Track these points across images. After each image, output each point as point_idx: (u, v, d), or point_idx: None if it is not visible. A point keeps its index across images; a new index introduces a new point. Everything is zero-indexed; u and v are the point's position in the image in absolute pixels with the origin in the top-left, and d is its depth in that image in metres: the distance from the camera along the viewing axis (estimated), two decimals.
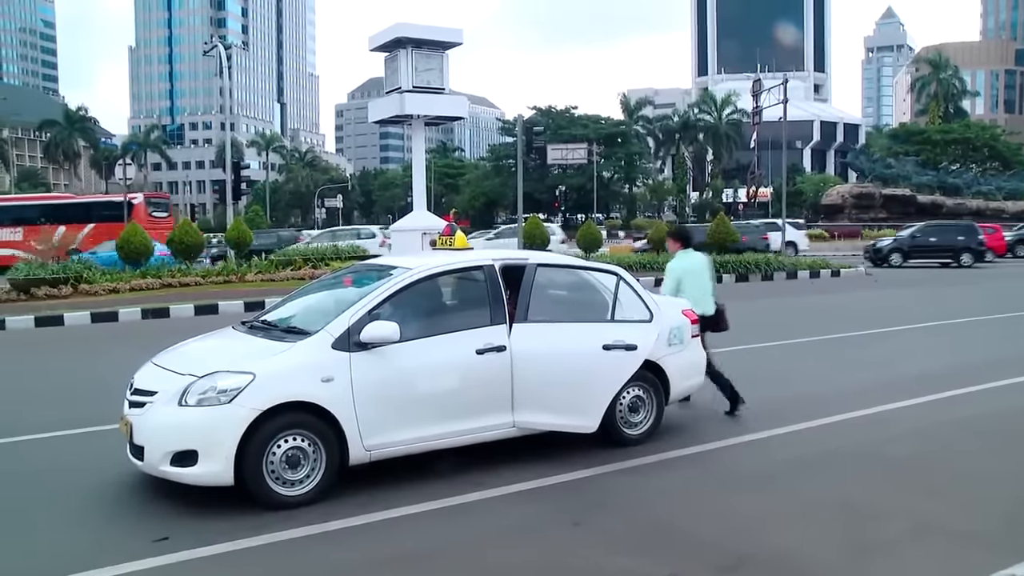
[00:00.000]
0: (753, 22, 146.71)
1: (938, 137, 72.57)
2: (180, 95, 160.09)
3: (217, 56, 39.40)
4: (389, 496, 5.50)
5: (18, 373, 11.19)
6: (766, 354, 11.56)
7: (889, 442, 6.86)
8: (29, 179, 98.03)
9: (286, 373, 5.42)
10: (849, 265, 28.19)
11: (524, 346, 6.07)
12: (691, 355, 7.12)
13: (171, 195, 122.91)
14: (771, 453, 6.64)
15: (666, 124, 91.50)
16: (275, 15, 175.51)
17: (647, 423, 6.78)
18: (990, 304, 17.08)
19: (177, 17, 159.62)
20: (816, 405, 8.05)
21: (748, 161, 73.94)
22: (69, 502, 5.66)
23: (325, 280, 7.73)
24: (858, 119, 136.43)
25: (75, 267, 20.06)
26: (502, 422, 6.08)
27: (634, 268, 24.79)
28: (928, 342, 12.63)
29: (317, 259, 23.88)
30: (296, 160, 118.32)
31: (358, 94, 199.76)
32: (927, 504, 5.39)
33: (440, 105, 19.72)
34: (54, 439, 7.25)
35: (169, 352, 6.23)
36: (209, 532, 4.91)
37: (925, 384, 8.96)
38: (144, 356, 6.34)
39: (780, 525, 5.08)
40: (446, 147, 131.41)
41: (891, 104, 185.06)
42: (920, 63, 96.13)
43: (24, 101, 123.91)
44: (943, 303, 18.46)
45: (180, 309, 16.87)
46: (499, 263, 6.37)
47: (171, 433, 5.27)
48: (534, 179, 73.91)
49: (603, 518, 5.19)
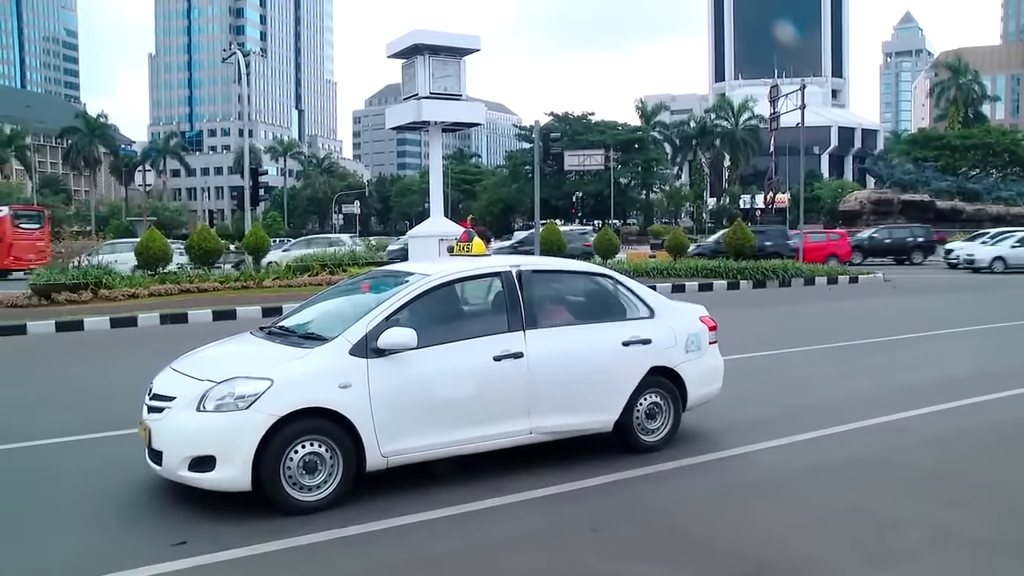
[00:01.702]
0: (770, 27, 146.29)
1: (957, 142, 71.99)
2: (199, 102, 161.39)
3: (236, 63, 39.67)
4: (406, 501, 5.51)
5: (39, 377, 11.28)
6: (784, 360, 11.50)
7: (907, 450, 6.81)
8: (50, 185, 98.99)
9: (304, 379, 5.44)
10: (867, 271, 28.03)
11: (541, 351, 6.10)
12: (709, 362, 7.10)
13: (190, 201, 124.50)
14: (789, 460, 6.60)
15: (683, 130, 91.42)
16: (293, 22, 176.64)
17: (664, 430, 6.77)
18: (1006, 312, 16.93)
19: (196, 25, 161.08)
20: (834, 412, 8.00)
21: (765, 167, 73.57)
22: (88, 506, 5.70)
23: (342, 286, 7.76)
24: (876, 124, 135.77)
25: (95, 272, 20.23)
26: (519, 428, 6.09)
27: (651, 275, 24.80)
28: (947, 349, 12.54)
29: (335, 265, 23.98)
30: (314, 166, 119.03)
31: (375, 100, 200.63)
32: (946, 512, 5.35)
33: (457, 111, 19.74)
34: (74, 443, 7.31)
35: (188, 357, 6.27)
36: (227, 537, 4.93)
37: (944, 391, 8.88)
38: (163, 361, 6.38)
39: (798, 532, 5.05)
40: (463, 153, 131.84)
41: (910, 109, 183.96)
42: (939, 68, 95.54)
43: (46, 108, 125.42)
44: (961, 310, 18.31)
45: (198, 314, 16.96)
46: (515, 269, 6.41)
47: (189, 438, 5.30)
48: (551, 185, 74.01)
49: (621, 525, 5.18)
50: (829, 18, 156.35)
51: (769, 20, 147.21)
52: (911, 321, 15.92)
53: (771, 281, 24.61)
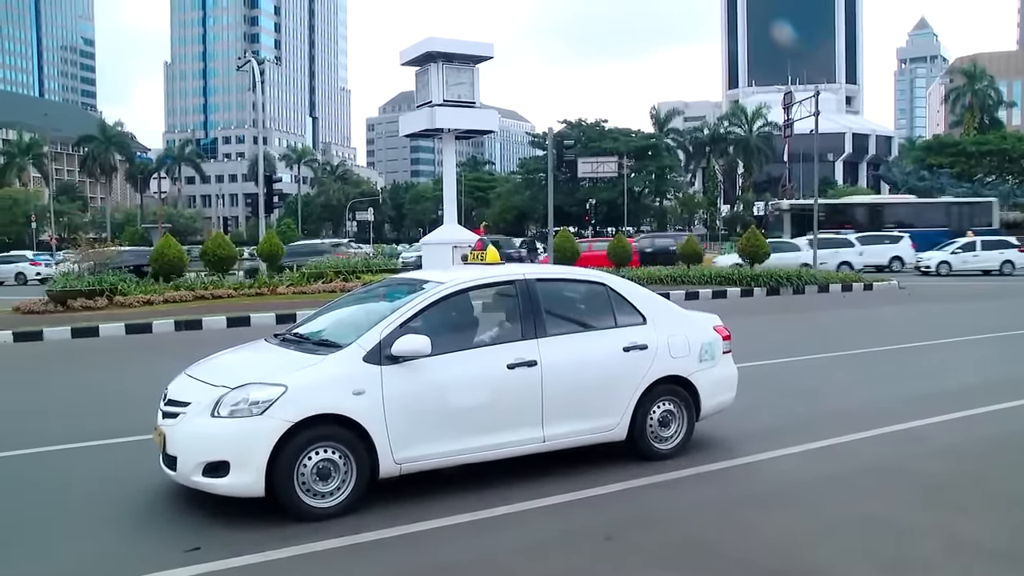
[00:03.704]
0: (783, 34, 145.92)
1: (973, 149, 71.58)
2: (214, 109, 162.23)
3: (250, 71, 39.87)
4: (420, 509, 5.51)
5: (55, 383, 11.37)
6: (798, 368, 11.46)
7: (922, 458, 6.77)
8: (67, 192, 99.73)
9: (317, 386, 5.46)
10: (882, 278, 27.89)
11: (553, 359, 6.12)
12: (723, 371, 7.08)
13: (205, 208, 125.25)
14: (802, 468, 6.57)
15: (696, 137, 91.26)
16: (307, 30, 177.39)
17: (677, 438, 6.76)
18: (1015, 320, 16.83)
19: (211, 33, 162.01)
20: (848, 420, 7.97)
21: (779, 174, 73.58)
22: (103, 511, 5.74)
23: (356, 293, 7.78)
24: (891, 131, 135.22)
25: (110, 279, 20.36)
26: (532, 437, 6.09)
27: (664, 282, 24.76)
28: (963, 356, 12.46)
29: (349, 272, 24.06)
30: (328, 174, 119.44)
31: (389, 108, 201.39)
32: (961, 522, 5.31)
33: (471, 119, 19.81)
34: (89, 448, 7.36)
35: (202, 364, 6.30)
36: (240, 543, 4.95)
37: (960, 399, 8.83)
38: (177, 367, 6.42)
39: (812, 541, 5.03)
40: (477, 160, 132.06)
41: (924, 116, 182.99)
42: (954, 74, 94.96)
43: (64, 117, 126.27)
44: (976, 318, 18.19)
45: (213, 321, 17.05)
46: (526, 277, 6.43)
47: (203, 444, 5.33)
48: (564, 192, 73.99)
49: (635, 533, 5.17)
50: (843, 24, 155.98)
51: (783, 27, 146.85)
52: (920, 329, 15.82)
53: (785, 288, 24.51)
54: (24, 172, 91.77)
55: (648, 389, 6.56)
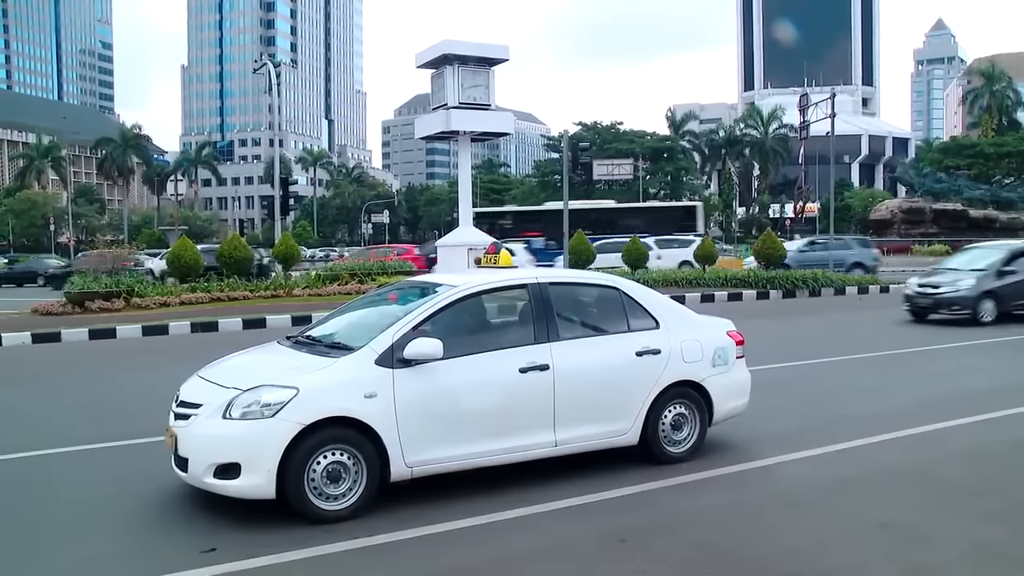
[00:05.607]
0: (799, 36, 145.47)
1: (991, 150, 71.07)
2: (230, 112, 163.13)
3: (266, 74, 40.13)
4: (432, 511, 5.50)
5: (72, 385, 11.43)
6: (816, 371, 11.37)
7: (941, 462, 6.71)
8: (85, 195, 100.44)
9: (329, 388, 5.45)
10: (899, 281, 27.70)
11: (566, 363, 6.10)
12: (736, 376, 7.04)
13: (221, 210, 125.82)
14: (820, 472, 6.51)
15: (712, 139, 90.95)
16: (323, 33, 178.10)
17: (690, 441, 6.72)
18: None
19: (228, 36, 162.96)
20: (865, 423, 7.90)
21: (795, 176, 73.08)
22: (118, 512, 5.75)
23: (370, 296, 7.79)
24: (907, 133, 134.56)
25: (127, 281, 20.48)
26: (544, 441, 6.06)
27: (680, 284, 24.70)
28: (981, 360, 12.35)
29: (364, 274, 24.10)
30: (343, 176, 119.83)
31: (405, 110, 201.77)
32: (982, 527, 5.24)
33: (486, 121, 19.82)
34: (105, 449, 7.39)
35: (215, 365, 6.31)
36: (254, 545, 4.95)
37: (977, 403, 8.73)
38: (193, 369, 6.43)
39: (829, 545, 4.98)
40: (492, 163, 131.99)
41: (941, 117, 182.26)
42: (972, 75, 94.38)
43: (82, 120, 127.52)
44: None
45: (228, 323, 17.11)
46: (539, 281, 6.41)
47: (215, 445, 5.33)
48: (580, 195, 73.88)
49: (649, 536, 5.13)
50: (859, 26, 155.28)
51: (798, 29, 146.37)
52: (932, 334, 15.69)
53: (801, 291, 24.41)
54: (43, 175, 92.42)
55: (660, 393, 6.52)
